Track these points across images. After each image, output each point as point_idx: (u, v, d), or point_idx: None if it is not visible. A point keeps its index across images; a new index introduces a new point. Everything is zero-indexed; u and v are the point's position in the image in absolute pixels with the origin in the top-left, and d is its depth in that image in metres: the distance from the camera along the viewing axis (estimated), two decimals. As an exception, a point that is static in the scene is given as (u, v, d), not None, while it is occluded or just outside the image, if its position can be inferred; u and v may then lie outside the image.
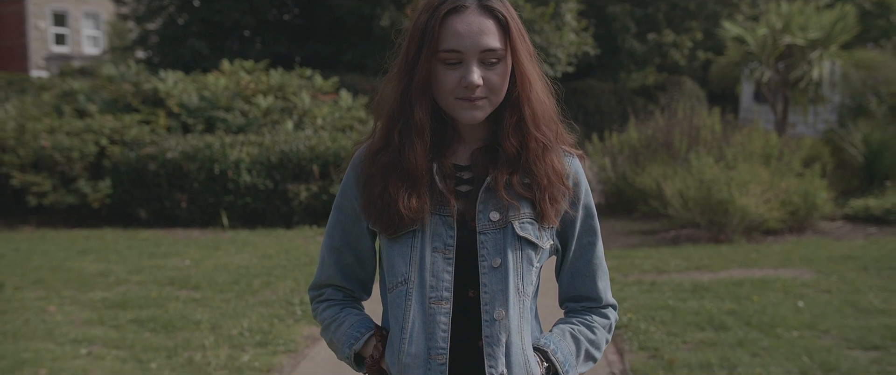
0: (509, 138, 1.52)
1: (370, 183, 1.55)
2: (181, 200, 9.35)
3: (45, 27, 33.42)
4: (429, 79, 1.48)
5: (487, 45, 1.45)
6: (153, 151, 9.34)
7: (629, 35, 20.46)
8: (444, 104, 1.50)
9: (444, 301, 1.51)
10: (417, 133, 1.49)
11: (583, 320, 1.65)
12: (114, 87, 10.68)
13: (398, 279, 1.53)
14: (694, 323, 4.99)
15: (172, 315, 5.28)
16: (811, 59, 11.49)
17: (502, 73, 1.48)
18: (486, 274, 1.51)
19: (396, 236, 1.52)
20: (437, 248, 1.51)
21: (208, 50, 16.97)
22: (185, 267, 6.94)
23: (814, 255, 7.24)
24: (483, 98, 1.48)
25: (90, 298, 5.77)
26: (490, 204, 1.52)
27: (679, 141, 10.05)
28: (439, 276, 1.51)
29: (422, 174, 1.50)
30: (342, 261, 1.65)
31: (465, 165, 1.57)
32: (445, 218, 1.52)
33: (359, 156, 1.61)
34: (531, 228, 1.53)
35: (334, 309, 1.66)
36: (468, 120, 1.49)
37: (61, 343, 4.67)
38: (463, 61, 1.46)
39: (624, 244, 8.30)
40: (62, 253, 7.55)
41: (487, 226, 1.52)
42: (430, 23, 1.46)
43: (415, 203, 1.49)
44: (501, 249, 1.51)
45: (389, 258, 1.55)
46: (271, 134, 9.94)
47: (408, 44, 1.50)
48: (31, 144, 9.21)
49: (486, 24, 1.46)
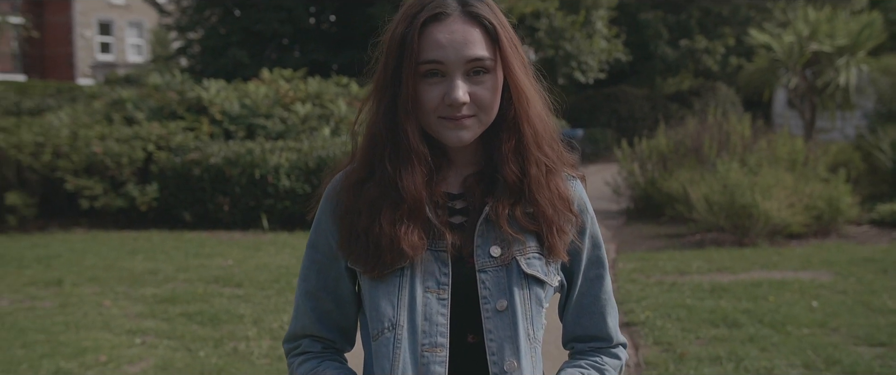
0: (509, 164, 1.34)
1: (351, 215, 1.36)
2: (224, 203, 9.79)
3: (91, 36, 34.45)
4: (416, 97, 1.31)
5: (473, 54, 1.29)
6: (197, 157, 9.80)
7: (661, 41, 20.62)
8: (427, 124, 1.33)
9: (440, 348, 1.32)
10: (416, 158, 1.31)
11: (592, 362, 1.47)
12: (160, 96, 11.19)
13: (384, 324, 1.33)
14: (709, 321, 5.24)
15: (218, 309, 5.67)
16: (838, 65, 11.61)
17: (492, 87, 1.31)
18: (490, 318, 1.33)
19: (382, 275, 1.33)
20: (429, 288, 1.33)
21: (248, 58, 17.52)
22: (229, 266, 7.35)
23: (835, 258, 7.42)
24: (470, 116, 1.31)
25: (141, 294, 6.18)
26: (490, 238, 1.35)
27: (708, 146, 10.25)
28: (433, 320, 1.32)
29: (423, 205, 1.32)
30: (319, 308, 1.44)
31: (456, 193, 1.38)
32: (439, 253, 1.34)
33: (334, 187, 1.41)
34: (538, 264, 1.36)
35: (312, 362, 1.44)
36: (454, 142, 1.32)
37: (118, 334, 5.08)
38: (446, 75, 1.29)
39: (649, 247, 8.54)
40: (114, 253, 8.01)
41: (488, 263, 1.34)
42: (408, 32, 1.29)
43: (416, 238, 1.31)
44: (506, 289, 1.33)
45: (373, 300, 1.34)
46: (309, 140, 10.36)
47: (385, 57, 1.34)
48: (83, 150, 9.71)
49: (471, 32, 1.30)
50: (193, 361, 4.54)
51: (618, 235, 9.39)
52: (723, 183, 8.64)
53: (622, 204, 11.40)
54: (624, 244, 8.75)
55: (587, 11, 16.71)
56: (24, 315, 5.51)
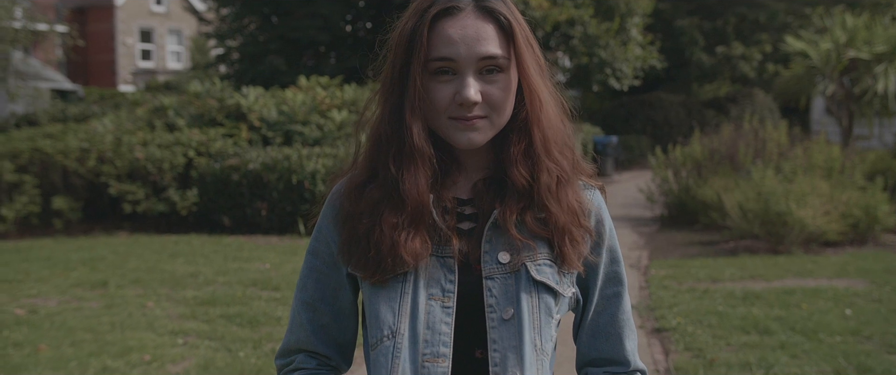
0: (517, 167, 1.27)
1: (353, 220, 1.29)
2: (261, 208, 9.99)
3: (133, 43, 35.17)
4: (424, 95, 1.24)
5: (486, 51, 1.22)
6: (236, 163, 10.02)
7: (697, 47, 20.52)
8: (437, 125, 1.26)
9: (442, 358, 1.24)
10: (420, 159, 1.25)
11: None
12: (200, 103, 11.45)
13: (384, 332, 1.25)
14: (740, 327, 5.27)
15: (256, 311, 5.83)
16: (876, 72, 11.50)
17: (505, 87, 1.25)
18: (495, 327, 1.25)
19: (383, 280, 1.26)
20: (433, 295, 1.26)
21: (286, 66, 17.79)
22: (266, 270, 7.52)
23: (871, 267, 7.38)
24: (482, 117, 1.24)
25: (183, 296, 6.37)
26: (499, 244, 1.27)
27: (743, 153, 10.23)
28: (436, 328, 1.25)
29: (426, 209, 1.25)
30: (316, 320, 1.36)
31: (466, 199, 1.32)
32: (444, 259, 1.27)
33: (336, 192, 1.35)
34: (550, 271, 1.28)
35: None
36: (465, 144, 1.25)
37: (161, 334, 5.25)
38: (457, 73, 1.23)
39: (682, 254, 8.55)
40: (155, 256, 8.23)
41: (495, 270, 1.27)
42: (417, 28, 1.23)
43: (418, 244, 1.24)
44: (513, 297, 1.26)
45: (373, 307, 1.27)
46: (345, 146, 10.52)
47: (393, 55, 1.28)
48: (126, 156, 9.98)
49: (484, 28, 1.23)
50: (234, 361, 4.69)
51: (651, 242, 9.40)
52: (757, 190, 8.63)
53: (656, 210, 11.41)
54: (657, 251, 8.76)
55: (622, 19, 16.73)
56: (71, 315, 5.72)
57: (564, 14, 15.91)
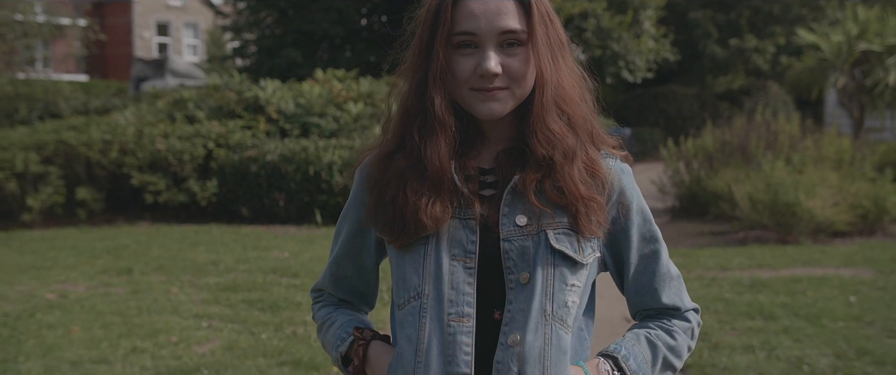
0: (536, 136, 1.33)
1: (380, 186, 1.39)
2: (279, 199, 10.21)
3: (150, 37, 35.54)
4: (447, 68, 1.32)
5: (505, 26, 1.30)
6: (254, 154, 10.24)
7: (711, 40, 20.56)
8: (460, 97, 1.34)
9: (467, 317, 1.31)
10: (441, 129, 1.33)
11: (661, 324, 1.46)
12: (219, 95, 11.67)
13: (411, 293, 1.34)
14: (745, 313, 5.42)
15: (277, 297, 6.03)
16: (888, 65, 11.57)
17: (525, 60, 1.32)
18: (512, 289, 1.32)
19: (407, 244, 1.34)
20: (455, 256, 1.33)
21: (302, 58, 18.00)
22: (285, 258, 7.72)
23: (878, 256, 7.50)
24: (503, 89, 1.31)
25: (205, 282, 6.58)
26: (517, 208, 1.34)
27: (755, 145, 10.34)
28: (460, 288, 1.32)
29: (446, 176, 1.33)
30: (339, 273, 1.53)
31: (488, 168, 1.39)
32: (466, 222, 1.34)
33: (368, 161, 1.45)
34: (568, 241, 1.34)
35: (328, 308, 1.55)
36: (486, 114, 1.33)
37: (186, 318, 5.46)
38: (479, 46, 1.31)
39: (692, 244, 8.69)
40: (177, 245, 8.46)
41: (513, 232, 1.33)
42: (442, 4, 1.32)
43: (438, 209, 1.32)
44: (530, 262, 1.32)
45: (400, 270, 1.37)
46: (361, 138, 10.72)
47: (420, 30, 1.37)
48: (148, 147, 10.22)
49: (504, 3, 1.30)
50: (256, 343, 4.89)
51: (662, 232, 9.47)
52: (767, 181, 8.75)
53: (668, 202, 11.53)
54: (668, 241, 8.71)
55: (635, 11, 16.82)
56: (100, 299, 5.95)
57: (578, 7, 16.02)
